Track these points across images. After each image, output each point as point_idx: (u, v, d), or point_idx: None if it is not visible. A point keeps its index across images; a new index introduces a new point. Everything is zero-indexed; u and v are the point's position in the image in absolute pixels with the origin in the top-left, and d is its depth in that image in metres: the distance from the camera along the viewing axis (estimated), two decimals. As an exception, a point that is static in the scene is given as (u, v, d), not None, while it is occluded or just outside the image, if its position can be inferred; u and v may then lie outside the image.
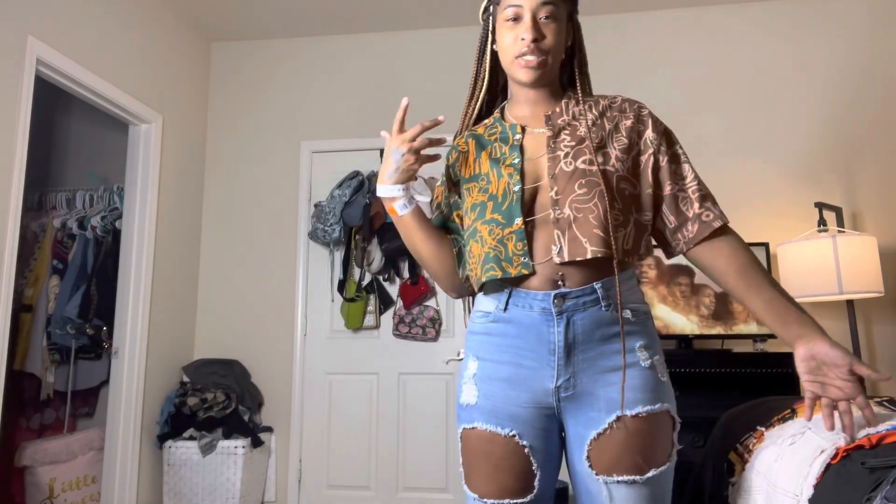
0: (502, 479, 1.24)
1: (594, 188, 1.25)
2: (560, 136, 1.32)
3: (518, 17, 1.30)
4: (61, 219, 3.80)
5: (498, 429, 1.25)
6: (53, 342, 3.61)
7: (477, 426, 1.27)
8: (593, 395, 1.23)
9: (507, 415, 1.25)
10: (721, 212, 1.31)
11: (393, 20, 3.85)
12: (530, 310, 1.25)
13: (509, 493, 1.24)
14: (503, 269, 1.26)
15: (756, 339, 3.15)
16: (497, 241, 1.28)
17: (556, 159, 1.30)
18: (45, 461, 3.29)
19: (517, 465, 1.24)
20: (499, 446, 1.25)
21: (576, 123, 1.34)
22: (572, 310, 1.23)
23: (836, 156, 3.48)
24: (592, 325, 1.23)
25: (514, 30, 1.30)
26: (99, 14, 3.17)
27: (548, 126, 1.34)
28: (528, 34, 1.28)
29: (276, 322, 3.80)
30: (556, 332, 1.23)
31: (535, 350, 1.24)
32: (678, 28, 3.72)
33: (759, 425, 2.19)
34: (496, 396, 1.27)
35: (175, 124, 3.73)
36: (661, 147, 1.33)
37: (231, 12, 3.77)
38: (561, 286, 1.24)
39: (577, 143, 1.30)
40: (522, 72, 1.31)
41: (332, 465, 3.63)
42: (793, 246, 3.04)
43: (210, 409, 3.42)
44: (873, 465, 1.52)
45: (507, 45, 1.32)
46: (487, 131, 1.41)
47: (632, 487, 1.20)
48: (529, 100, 1.38)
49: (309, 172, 3.91)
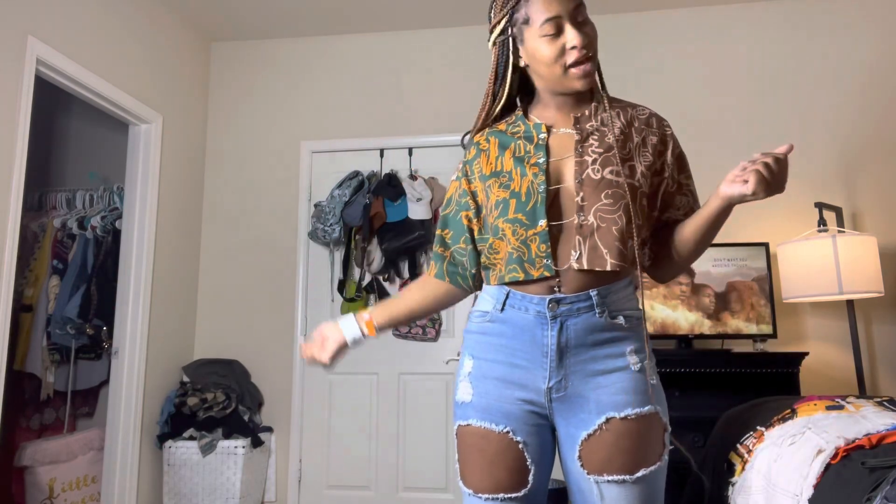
0: (497, 474, 1.26)
1: (620, 200, 1.25)
2: (588, 140, 1.31)
3: (559, 28, 1.26)
4: (61, 219, 3.80)
5: (492, 425, 1.27)
6: (53, 342, 3.61)
7: (472, 423, 1.29)
8: (584, 397, 1.25)
9: (500, 412, 1.27)
10: None
11: (393, 20, 3.85)
12: (525, 312, 1.27)
13: (503, 488, 1.25)
14: (526, 270, 1.27)
15: (756, 339, 3.15)
16: (520, 242, 1.28)
17: (583, 164, 1.29)
18: (45, 461, 3.29)
19: (511, 460, 1.26)
20: (493, 442, 1.26)
21: (604, 129, 1.33)
22: (566, 315, 1.25)
23: (836, 156, 3.48)
24: (585, 331, 1.25)
25: (556, 41, 1.26)
26: (99, 14, 3.17)
27: (576, 129, 1.33)
28: (578, 41, 1.25)
29: (276, 322, 3.80)
30: (549, 336, 1.25)
31: (528, 351, 1.27)
32: (677, 28, 3.72)
33: (759, 425, 2.19)
34: (490, 394, 1.29)
35: (175, 124, 3.73)
36: (674, 172, 1.36)
37: (231, 12, 3.77)
38: (556, 291, 1.26)
39: (605, 151, 1.30)
40: (578, 81, 1.28)
41: (332, 465, 3.63)
42: (793, 246, 3.04)
43: (210, 409, 3.42)
44: (873, 465, 1.52)
45: (554, 57, 1.27)
46: (510, 129, 1.40)
47: (622, 487, 1.22)
48: (559, 103, 1.36)
49: (309, 172, 3.92)
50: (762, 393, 2.81)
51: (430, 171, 3.77)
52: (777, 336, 3.16)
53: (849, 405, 2.08)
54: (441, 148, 3.81)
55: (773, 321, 3.15)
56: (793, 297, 3.03)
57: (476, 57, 3.84)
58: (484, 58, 3.85)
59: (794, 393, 2.94)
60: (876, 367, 3.29)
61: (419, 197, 3.54)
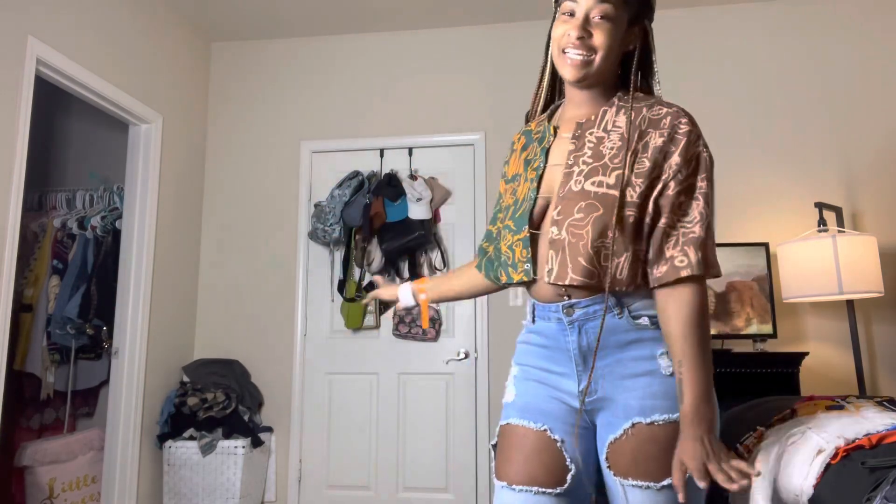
0: (533, 470, 1.27)
1: (591, 213, 1.23)
2: (583, 150, 1.31)
3: (573, 13, 1.30)
4: (61, 219, 3.80)
5: (531, 423, 1.30)
6: (53, 342, 3.61)
7: (511, 421, 1.33)
8: (613, 400, 1.26)
9: (538, 410, 1.31)
10: (699, 261, 1.19)
11: (392, 20, 3.85)
12: (549, 321, 1.32)
13: (538, 482, 1.26)
14: (509, 274, 1.35)
15: (756, 338, 3.15)
16: (508, 247, 1.36)
17: (570, 175, 1.29)
18: (45, 461, 3.29)
19: (549, 458, 1.27)
20: (531, 440, 1.29)
21: (603, 136, 1.30)
22: (583, 319, 1.27)
23: (836, 156, 3.48)
24: (607, 333, 1.25)
25: (566, 24, 1.30)
26: (99, 14, 3.17)
27: (574, 135, 1.33)
28: (575, 31, 1.28)
29: (276, 322, 3.80)
30: (571, 341, 1.28)
31: (558, 357, 1.31)
32: (676, 28, 3.72)
33: (759, 425, 2.19)
34: (529, 394, 1.33)
35: (175, 124, 3.73)
36: (678, 174, 1.22)
37: (231, 12, 3.77)
38: (566, 298, 1.28)
39: (595, 161, 1.28)
40: (566, 68, 1.31)
41: (332, 465, 3.63)
42: (793, 246, 3.04)
43: (210, 409, 3.42)
44: (873, 465, 1.52)
45: (557, 37, 1.33)
46: (536, 128, 1.44)
47: (646, 493, 1.21)
48: (576, 100, 1.37)
49: (309, 172, 3.92)
50: (762, 393, 2.81)
51: (430, 171, 3.78)
52: (777, 336, 3.16)
53: (849, 405, 2.08)
54: (441, 148, 3.81)
55: (773, 321, 3.15)
56: (793, 297, 3.03)
57: (476, 57, 3.84)
58: (485, 57, 3.85)
59: (794, 393, 2.94)
60: (876, 367, 3.29)
61: (419, 197, 3.54)
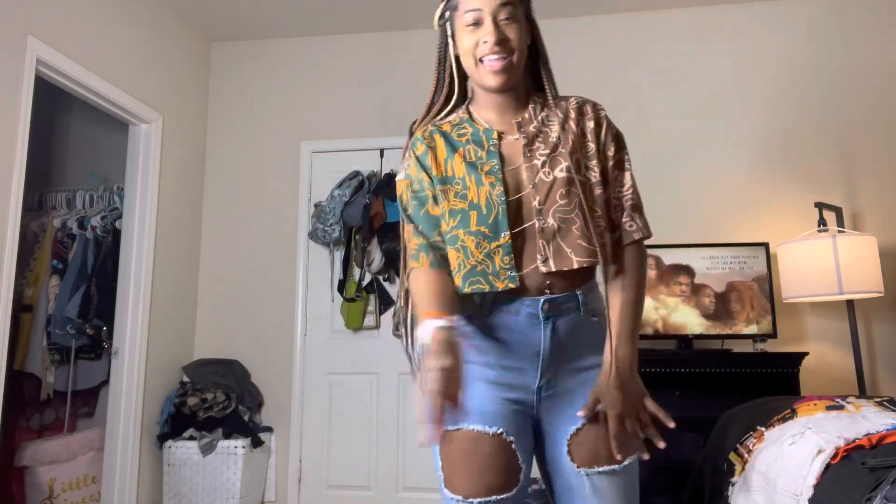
0: (488, 478, 1.25)
1: (574, 198, 1.27)
2: (535, 143, 1.32)
3: (478, 21, 1.28)
4: (61, 219, 3.79)
5: (485, 428, 1.26)
6: (53, 342, 3.61)
7: (462, 427, 1.26)
8: (572, 392, 1.29)
9: (493, 414, 1.27)
10: (645, 224, 1.34)
11: (392, 20, 3.85)
12: (516, 314, 1.27)
13: (495, 490, 1.25)
14: (490, 283, 1.26)
15: (756, 338, 3.15)
16: (484, 255, 1.27)
17: (533, 168, 1.30)
18: (45, 461, 3.29)
19: (504, 461, 1.26)
20: (485, 445, 1.25)
21: (546, 130, 1.34)
22: (557, 314, 1.27)
23: (836, 156, 3.48)
24: (572, 329, 1.28)
25: (475, 33, 1.28)
26: (99, 14, 3.17)
27: (521, 134, 1.33)
28: (491, 36, 1.26)
29: (276, 322, 3.80)
30: (542, 336, 1.27)
31: (519, 353, 1.28)
32: (675, 28, 3.72)
33: (759, 425, 2.19)
34: (482, 397, 1.28)
35: (175, 124, 3.73)
36: (608, 151, 1.34)
37: (231, 12, 3.77)
38: (548, 293, 1.27)
39: (552, 151, 1.31)
40: (489, 76, 1.29)
41: (332, 465, 3.63)
42: (793, 246, 3.04)
43: (210, 409, 3.42)
44: (873, 465, 1.52)
45: (469, 48, 1.29)
46: (455, 130, 1.37)
47: (611, 477, 1.26)
48: (496, 104, 1.35)
49: (309, 172, 3.92)
50: (762, 393, 2.81)
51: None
52: (777, 336, 3.16)
53: (849, 405, 2.08)
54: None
55: (773, 321, 3.15)
56: (793, 297, 3.03)
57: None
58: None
59: (794, 393, 2.94)
60: (876, 367, 3.29)
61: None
